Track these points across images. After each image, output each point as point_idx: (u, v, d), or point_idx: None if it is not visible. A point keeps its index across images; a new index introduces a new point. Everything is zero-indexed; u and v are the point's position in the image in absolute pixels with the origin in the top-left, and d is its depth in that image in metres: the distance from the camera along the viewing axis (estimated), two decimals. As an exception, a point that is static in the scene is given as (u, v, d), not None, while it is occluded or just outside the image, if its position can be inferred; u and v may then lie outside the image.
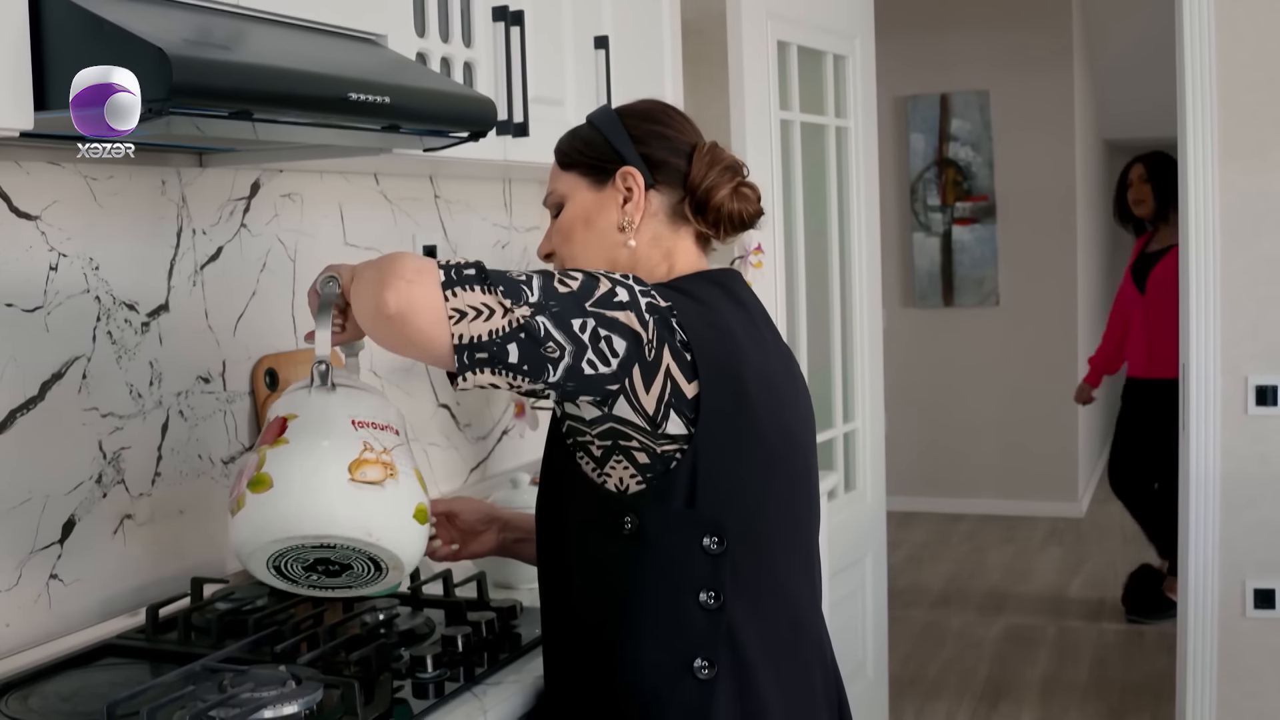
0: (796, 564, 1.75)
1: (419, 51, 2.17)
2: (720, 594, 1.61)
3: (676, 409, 1.56)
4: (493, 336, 1.48)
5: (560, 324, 1.50)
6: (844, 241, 4.35)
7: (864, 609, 4.44)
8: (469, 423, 3.00)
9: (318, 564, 1.70)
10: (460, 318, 1.48)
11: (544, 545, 1.76)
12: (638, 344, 1.53)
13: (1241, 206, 3.73)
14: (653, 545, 1.60)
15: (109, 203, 2.08)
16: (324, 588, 1.77)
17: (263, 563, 1.70)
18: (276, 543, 1.66)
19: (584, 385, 1.53)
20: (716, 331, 1.62)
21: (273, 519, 1.64)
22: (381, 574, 1.72)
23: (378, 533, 1.65)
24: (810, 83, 4.16)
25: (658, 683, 1.60)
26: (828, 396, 4.29)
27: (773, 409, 1.68)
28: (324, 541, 1.65)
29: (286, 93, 1.64)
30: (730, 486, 1.61)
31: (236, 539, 1.68)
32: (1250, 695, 3.85)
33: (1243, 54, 3.70)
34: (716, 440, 1.59)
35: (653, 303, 1.57)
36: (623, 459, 1.59)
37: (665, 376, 1.55)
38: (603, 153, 1.77)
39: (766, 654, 1.65)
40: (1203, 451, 3.83)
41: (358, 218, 2.63)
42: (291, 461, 1.66)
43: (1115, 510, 7.70)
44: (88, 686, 1.82)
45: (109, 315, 2.09)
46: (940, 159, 7.80)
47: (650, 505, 1.59)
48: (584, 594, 1.68)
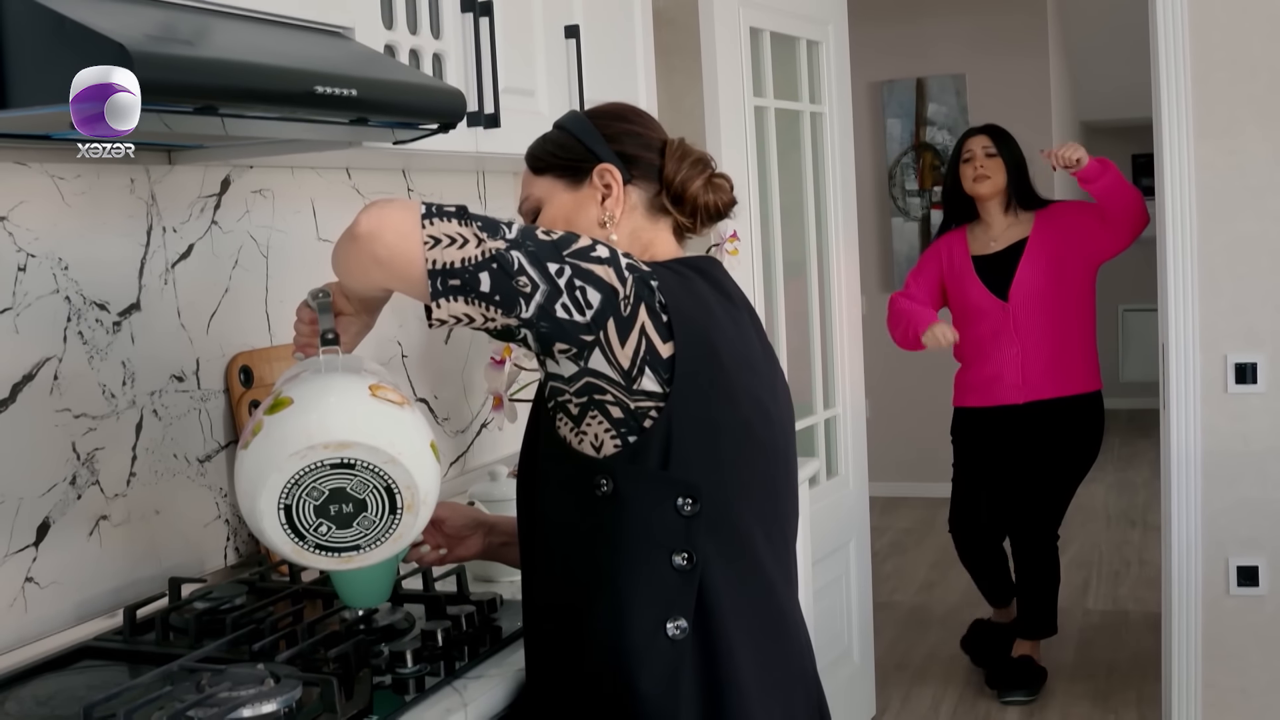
0: (773, 551, 1.75)
1: (387, 44, 2.15)
2: (693, 555, 1.62)
3: (651, 366, 1.58)
4: (465, 264, 1.51)
5: (535, 262, 1.53)
6: (821, 227, 4.35)
7: (848, 595, 4.44)
8: (448, 416, 2.99)
9: (330, 504, 1.63)
10: (435, 244, 1.52)
11: (523, 519, 1.78)
12: (613, 297, 1.55)
13: (1217, 185, 3.74)
14: (627, 506, 1.62)
15: (77, 202, 2.07)
16: (332, 548, 1.66)
17: (275, 499, 1.61)
18: (297, 456, 1.59)
19: (557, 330, 1.55)
20: (695, 300, 1.65)
21: (294, 430, 1.60)
22: (396, 518, 1.65)
23: (400, 447, 1.62)
24: (784, 69, 4.16)
25: (630, 643, 1.61)
26: (808, 383, 4.30)
27: (749, 385, 1.70)
28: (346, 455, 1.60)
29: (251, 87, 1.62)
30: (704, 451, 1.63)
31: (251, 468, 1.61)
32: (1235, 672, 3.87)
33: (1215, 33, 3.71)
34: (691, 402, 1.61)
35: (633, 264, 1.61)
36: (598, 414, 1.60)
37: (640, 334, 1.57)
38: (577, 153, 1.79)
39: (742, 629, 1.66)
40: (1183, 430, 3.84)
41: (330, 212, 2.61)
42: (312, 384, 1.65)
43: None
44: (65, 689, 1.81)
45: (80, 315, 2.07)
46: (917, 143, 7.80)
47: (624, 467, 1.61)
48: (561, 561, 1.69)
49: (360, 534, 1.66)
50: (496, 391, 2.85)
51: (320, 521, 1.64)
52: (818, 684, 1.85)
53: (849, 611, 4.45)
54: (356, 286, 1.68)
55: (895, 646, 5.27)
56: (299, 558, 1.67)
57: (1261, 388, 3.77)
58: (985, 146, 4.47)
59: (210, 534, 2.33)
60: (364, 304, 1.74)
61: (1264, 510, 3.80)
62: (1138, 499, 7.63)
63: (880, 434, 5.83)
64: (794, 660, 1.77)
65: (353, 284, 1.67)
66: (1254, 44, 3.68)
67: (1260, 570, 3.82)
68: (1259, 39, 3.68)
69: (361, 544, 1.67)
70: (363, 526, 1.66)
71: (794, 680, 1.77)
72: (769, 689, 1.70)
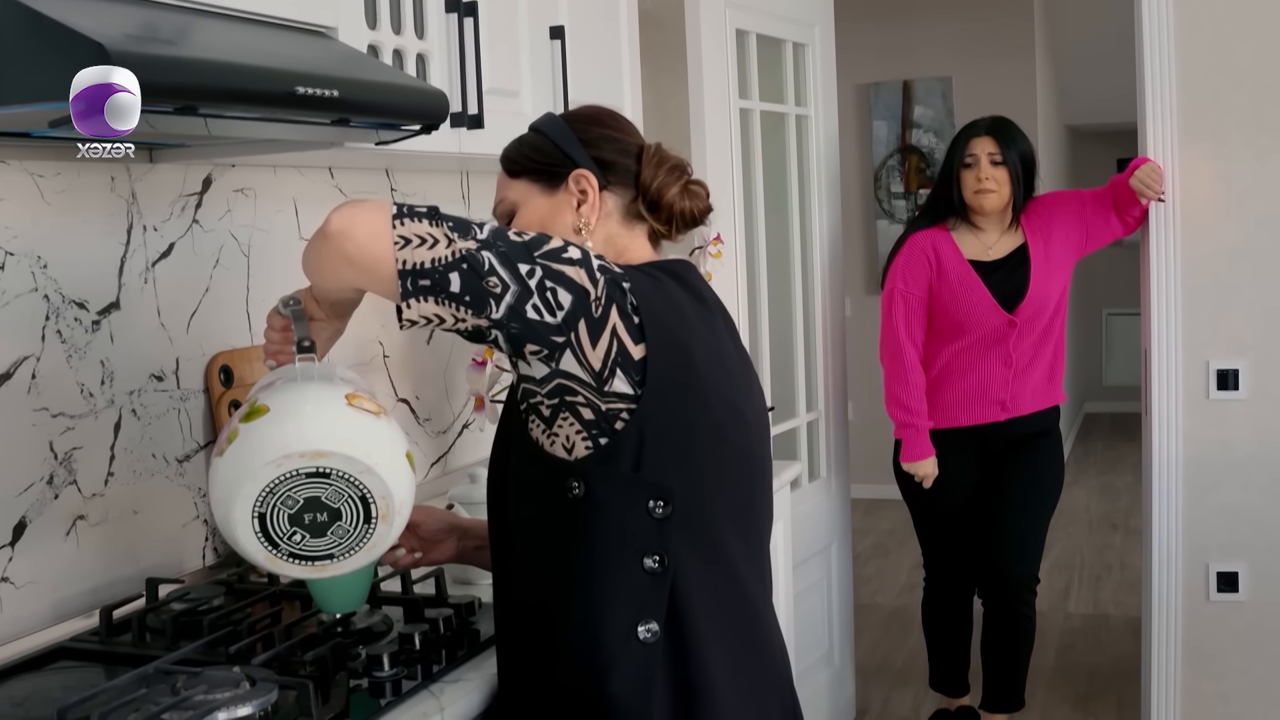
0: (748, 555, 1.76)
1: (370, 44, 2.14)
2: (665, 558, 1.62)
3: (623, 368, 1.58)
4: (435, 264, 1.51)
5: (506, 263, 1.53)
6: (805, 230, 4.34)
7: (830, 597, 4.44)
8: (429, 417, 2.98)
9: (304, 513, 1.62)
10: (405, 244, 1.52)
11: (495, 522, 1.78)
12: (584, 299, 1.55)
13: (1202, 191, 3.75)
14: (598, 509, 1.61)
15: (56, 200, 2.06)
16: (306, 556, 1.66)
17: (249, 507, 1.60)
18: (272, 465, 1.59)
19: (528, 331, 1.54)
20: (667, 302, 1.65)
21: (270, 438, 1.60)
22: (370, 527, 1.65)
23: (375, 456, 1.62)
24: (770, 71, 4.16)
25: (602, 646, 1.61)
26: (790, 385, 4.29)
27: (722, 388, 1.70)
28: (322, 464, 1.60)
29: (232, 88, 1.61)
30: (676, 453, 1.63)
31: (226, 475, 1.61)
32: (1214, 678, 3.87)
33: (1201, 40, 3.72)
34: (663, 405, 1.60)
35: (605, 266, 1.60)
36: (569, 416, 1.60)
37: (612, 335, 1.57)
38: (553, 158, 1.78)
39: (715, 632, 1.67)
40: (1165, 436, 3.84)
41: (312, 212, 2.60)
42: (287, 392, 1.65)
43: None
44: (40, 690, 1.80)
45: (58, 314, 2.06)
46: (903, 146, 7.81)
47: (596, 469, 1.61)
48: (533, 564, 1.69)
49: (334, 543, 1.66)
50: (478, 393, 2.84)
51: (294, 530, 1.64)
52: (792, 688, 1.85)
53: (830, 614, 4.45)
54: (327, 286, 1.67)
55: (876, 649, 5.27)
56: (273, 566, 1.66)
57: (1243, 394, 3.78)
58: (991, 154, 3.87)
59: (189, 534, 2.32)
60: (334, 309, 1.74)
61: (1244, 516, 3.81)
62: (1120, 503, 7.64)
63: (863, 436, 5.82)
64: (768, 664, 1.77)
65: (323, 283, 1.66)
66: (1239, 51, 3.69)
67: (1240, 576, 3.83)
68: (1244, 46, 3.68)
69: (335, 553, 1.66)
70: (337, 535, 1.65)
71: (768, 684, 1.76)
72: (742, 692, 1.70)
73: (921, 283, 3.93)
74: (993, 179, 3.86)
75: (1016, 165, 3.87)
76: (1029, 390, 3.97)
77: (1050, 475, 4.06)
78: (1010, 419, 3.96)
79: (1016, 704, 4.16)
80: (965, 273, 3.89)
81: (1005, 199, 3.88)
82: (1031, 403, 3.98)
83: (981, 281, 3.87)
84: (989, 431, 3.98)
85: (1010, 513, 3.99)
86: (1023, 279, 3.88)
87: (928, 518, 4.16)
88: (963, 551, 4.13)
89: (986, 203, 3.87)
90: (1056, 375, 4.05)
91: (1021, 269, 3.89)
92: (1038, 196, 3.99)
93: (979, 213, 3.91)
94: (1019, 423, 3.97)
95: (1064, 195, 4.04)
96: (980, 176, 3.86)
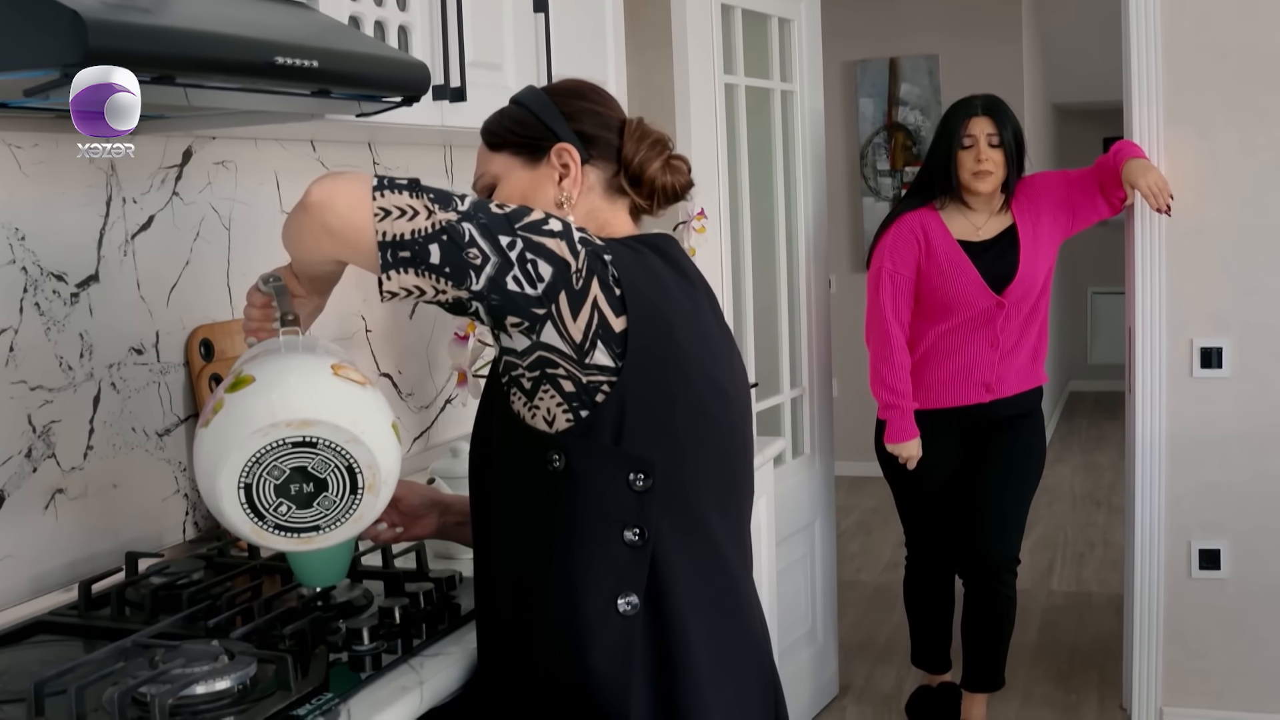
0: (729, 529, 1.76)
1: (351, 15, 2.13)
2: (645, 531, 1.62)
3: (604, 340, 1.57)
4: (415, 236, 1.51)
5: (486, 235, 1.53)
6: (790, 206, 4.33)
7: (813, 574, 4.45)
8: (411, 392, 2.97)
9: (290, 484, 1.62)
10: (385, 215, 1.52)
11: (476, 495, 1.77)
12: (565, 271, 1.55)
13: (1187, 171, 3.75)
14: (579, 482, 1.62)
15: (34, 171, 2.04)
16: (292, 528, 1.65)
17: (235, 477, 1.60)
18: (259, 434, 1.58)
19: (508, 302, 1.54)
20: (649, 275, 1.65)
21: (257, 408, 1.59)
22: (357, 498, 1.64)
23: (362, 426, 1.62)
24: (755, 47, 4.14)
25: (582, 619, 1.61)
26: (774, 362, 4.29)
27: (703, 362, 1.70)
28: (308, 434, 1.59)
29: (210, 57, 1.60)
30: (657, 426, 1.63)
31: (212, 446, 1.60)
32: (1196, 655, 3.89)
33: (1187, 20, 3.72)
34: (644, 377, 1.60)
35: (587, 238, 1.60)
36: (550, 388, 1.60)
37: (592, 308, 1.56)
38: (535, 131, 1.78)
39: (696, 605, 1.67)
40: (1149, 414, 3.85)
41: (294, 185, 2.58)
42: (273, 363, 1.64)
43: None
44: (18, 664, 1.79)
45: (36, 286, 2.04)
46: (889, 123, 7.80)
47: (577, 442, 1.61)
48: (513, 537, 1.69)
49: (320, 514, 1.65)
50: (461, 367, 2.83)
51: (280, 501, 1.63)
52: (771, 661, 1.86)
53: (813, 590, 4.46)
54: (307, 258, 1.66)
55: (859, 625, 5.28)
56: (258, 538, 1.65)
57: (1226, 372, 3.79)
58: (990, 135, 3.81)
59: (169, 508, 2.31)
60: (315, 285, 1.73)
61: (1227, 495, 3.82)
62: (1103, 481, 7.67)
63: (848, 413, 5.82)
64: (748, 638, 1.78)
65: (303, 255, 1.66)
66: (1225, 31, 3.69)
67: (1222, 554, 3.84)
68: (1230, 26, 3.68)
69: (321, 524, 1.66)
70: (323, 506, 1.65)
71: (747, 657, 1.77)
72: (722, 665, 1.70)
73: (910, 263, 3.88)
74: (991, 160, 3.81)
75: (1011, 146, 3.83)
76: (1013, 372, 3.94)
77: (1032, 457, 4.04)
78: (995, 400, 3.93)
79: (996, 684, 4.15)
80: (955, 253, 3.86)
81: (1000, 180, 3.84)
82: (1016, 384, 3.95)
83: (971, 262, 3.84)
84: (973, 413, 3.95)
85: (991, 495, 3.97)
86: (1012, 260, 3.85)
87: (910, 498, 4.15)
88: (944, 532, 4.12)
89: (984, 184, 3.82)
90: (1040, 356, 4.03)
91: (1011, 250, 3.86)
92: (1024, 177, 3.95)
93: (974, 194, 3.86)
94: (1003, 404, 3.95)
95: (1050, 176, 4.00)
96: (980, 158, 3.81)
